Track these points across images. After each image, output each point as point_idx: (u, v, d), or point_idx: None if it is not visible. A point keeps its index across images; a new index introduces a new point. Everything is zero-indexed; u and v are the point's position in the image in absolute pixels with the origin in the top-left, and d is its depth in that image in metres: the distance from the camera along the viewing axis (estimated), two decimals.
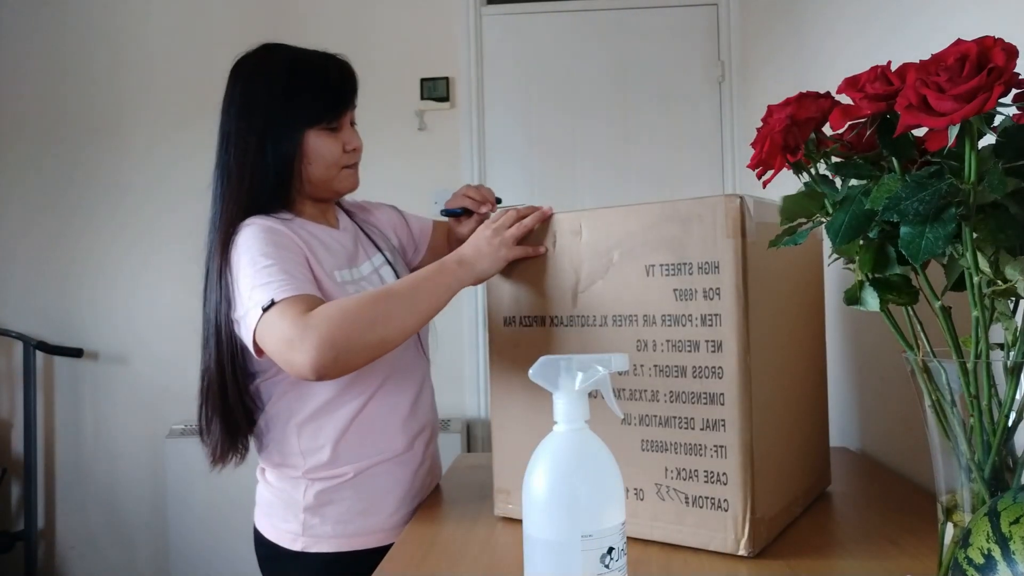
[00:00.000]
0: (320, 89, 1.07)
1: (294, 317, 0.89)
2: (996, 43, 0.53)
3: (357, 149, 1.12)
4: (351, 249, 1.14)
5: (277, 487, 1.10)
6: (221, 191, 1.07)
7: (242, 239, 1.00)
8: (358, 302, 0.92)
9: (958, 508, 0.63)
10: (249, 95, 1.07)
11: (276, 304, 0.91)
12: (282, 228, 1.03)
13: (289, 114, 1.05)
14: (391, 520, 1.09)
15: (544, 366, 0.61)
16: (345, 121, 1.10)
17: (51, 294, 2.72)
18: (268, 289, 0.93)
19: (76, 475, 2.71)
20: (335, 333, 0.87)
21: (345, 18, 2.65)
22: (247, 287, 0.95)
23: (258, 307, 0.93)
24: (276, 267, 0.96)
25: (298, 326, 0.88)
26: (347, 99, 1.10)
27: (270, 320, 0.91)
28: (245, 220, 1.03)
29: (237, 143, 1.05)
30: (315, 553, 1.06)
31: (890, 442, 1.23)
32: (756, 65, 2.33)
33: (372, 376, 1.07)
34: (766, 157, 0.67)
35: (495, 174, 2.67)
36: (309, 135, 1.06)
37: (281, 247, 0.99)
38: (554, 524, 0.58)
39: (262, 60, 1.09)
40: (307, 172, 1.08)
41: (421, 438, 1.15)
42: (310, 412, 1.06)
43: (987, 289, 0.59)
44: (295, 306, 0.91)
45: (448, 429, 2.47)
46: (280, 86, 1.06)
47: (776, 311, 0.89)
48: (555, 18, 2.70)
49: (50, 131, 2.73)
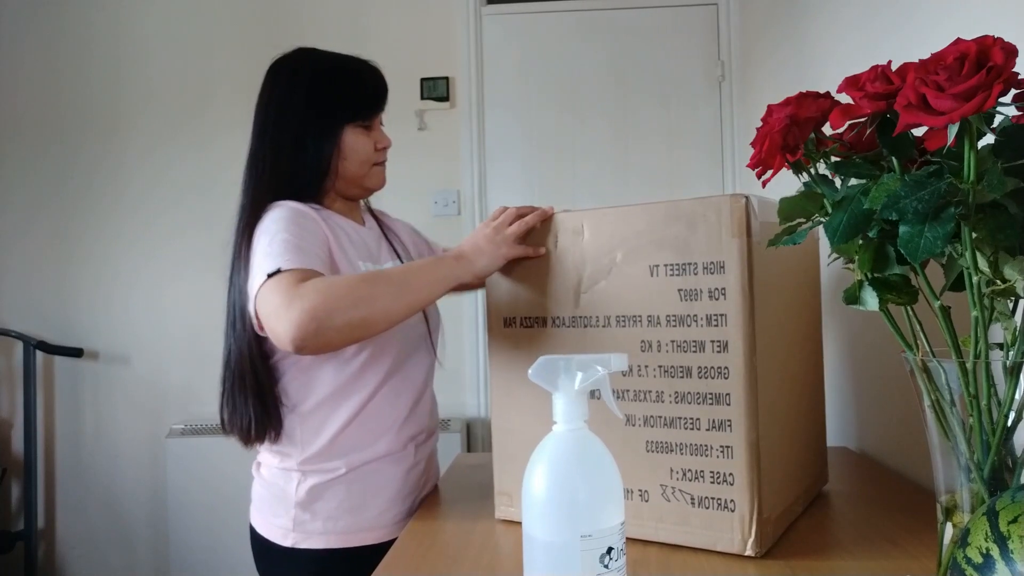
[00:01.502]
0: (359, 89, 1.13)
1: (287, 286, 0.90)
2: (996, 42, 0.53)
3: (387, 148, 1.18)
4: (375, 247, 1.17)
5: (270, 482, 1.11)
6: (254, 180, 1.10)
7: (269, 217, 1.03)
8: (347, 280, 0.93)
9: (957, 508, 0.63)
10: (290, 92, 1.11)
11: (280, 273, 0.93)
12: (310, 212, 1.06)
13: (330, 110, 1.10)
14: (381, 519, 1.10)
15: (544, 366, 0.61)
16: (377, 121, 1.16)
17: (51, 294, 2.73)
18: (276, 259, 0.95)
19: (76, 475, 2.71)
20: (318, 305, 0.87)
21: (345, 18, 2.65)
22: (260, 256, 0.97)
23: (263, 273, 0.94)
24: (292, 242, 0.97)
25: (287, 295, 0.89)
26: (382, 99, 1.16)
27: (269, 288, 0.92)
28: (275, 202, 1.06)
29: (275, 136, 1.10)
30: (305, 549, 1.07)
31: (890, 442, 1.23)
32: (756, 65, 2.33)
33: (379, 367, 1.08)
34: (766, 157, 0.67)
35: (495, 174, 2.68)
36: (347, 131, 1.11)
37: (304, 227, 1.02)
38: (553, 524, 0.58)
39: (302, 60, 1.14)
40: (342, 167, 1.12)
41: (416, 440, 1.15)
42: (316, 401, 1.07)
43: (986, 289, 0.59)
44: (293, 276, 0.92)
45: (448, 429, 2.48)
46: (322, 84, 1.11)
47: (778, 310, 0.89)
48: (555, 18, 2.70)
49: (50, 130, 2.73)
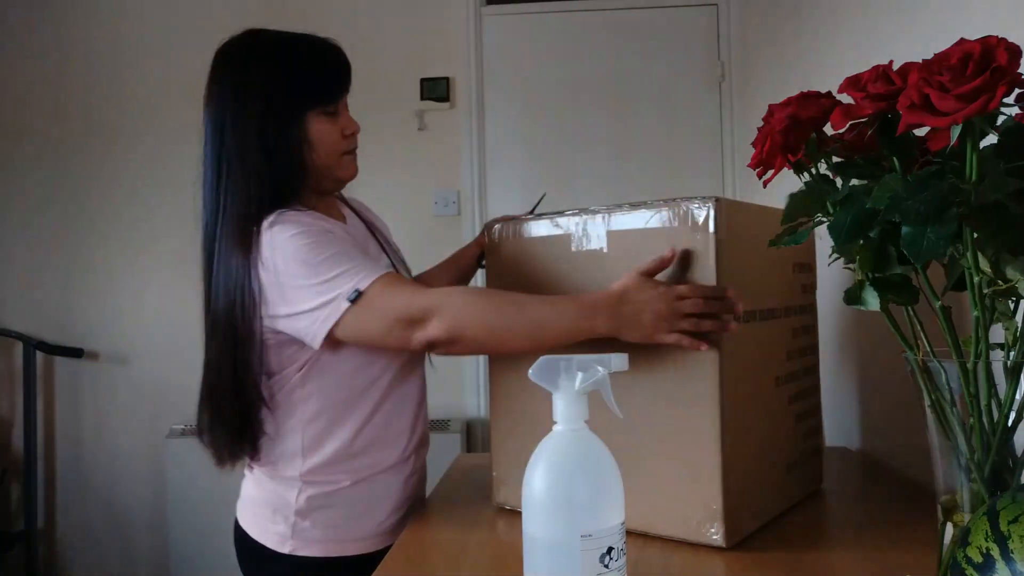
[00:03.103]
0: (317, 71, 1.04)
1: (409, 295, 0.93)
2: (1000, 43, 0.53)
3: (355, 134, 1.09)
4: (363, 244, 1.12)
5: (268, 487, 1.07)
6: (223, 183, 1.01)
7: (280, 238, 0.96)
8: (488, 300, 0.95)
9: (958, 508, 0.63)
10: (242, 81, 1.02)
11: (365, 291, 0.92)
12: (314, 219, 1.00)
13: (289, 98, 1.02)
14: (380, 527, 1.08)
15: (543, 366, 0.61)
16: (342, 105, 1.08)
17: (51, 294, 2.72)
18: (343, 280, 0.93)
19: (76, 475, 2.71)
20: (464, 323, 0.92)
21: (345, 18, 2.65)
22: (312, 285, 0.94)
23: (341, 300, 0.92)
24: (337, 256, 0.95)
25: (416, 304, 0.92)
26: (344, 80, 1.07)
27: (371, 306, 0.93)
28: (271, 217, 0.98)
29: (234, 132, 1.01)
30: (302, 556, 1.04)
31: (890, 442, 1.23)
32: (756, 65, 2.33)
33: (383, 379, 1.07)
34: (767, 157, 0.67)
35: (495, 174, 2.67)
36: (310, 119, 1.03)
37: (327, 238, 0.97)
38: (553, 524, 0.58)
39: (251, 44, 1.05)
40: (310, 160, 1.04)
41: (418, 448, 1.14)
42: (319, 413, 1.04)
43: (987, 289, 0.59)
44: (398, 284, 0.94)
45: (448, 429, 2.47)
46: (277, 69, 1.02)
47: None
48: (555, 18, 2.70)
49: (51, 133, 2.73)
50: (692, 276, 0.85)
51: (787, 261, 1.01)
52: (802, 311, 1.04)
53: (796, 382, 1.01)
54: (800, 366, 1.03)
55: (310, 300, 0.94)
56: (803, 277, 1.05)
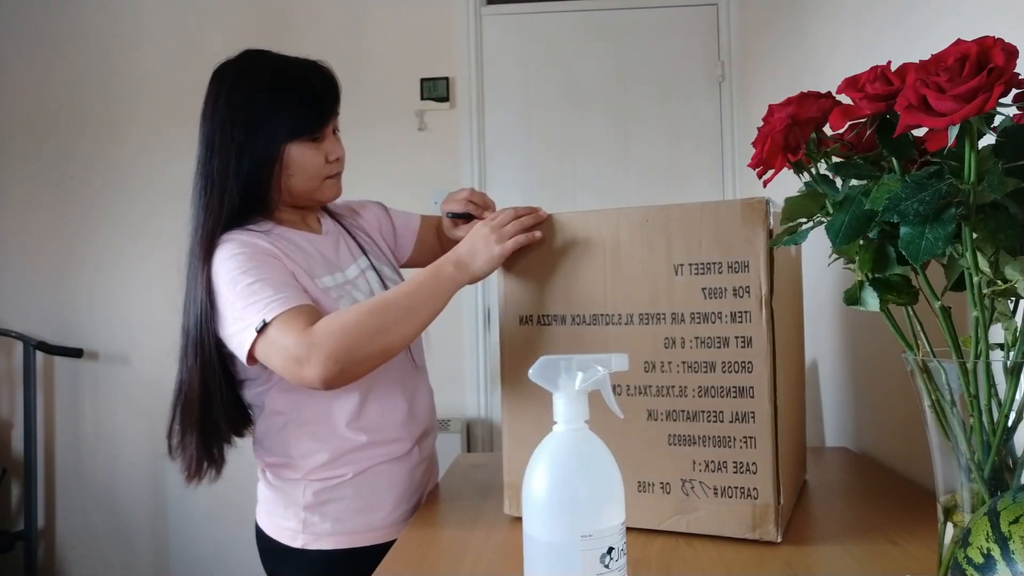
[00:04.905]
0: (301, 102, 1.06)
1: (296, 335, 0.93)
2: (996, 43, 0.53)
3: (340, 159, 1.11)
4: (332, 254, 1.13)
5: (277, 486, 1.11)
6: (204, 201, 1.05)
7: (220, 257, 1.00)
8: (356, 316, 0.94)
9: (958, 508, 0.63)
10: (231, 105, 1.05)
11: (271, 323, 0.94)
12: (260, 242, 1.02)
13: (270, 127, 1.04)
14: (390, 517, 1.10)
15: (544, 366, 0.61)
16: (328, 131, 1.09)
17: (51, 294, 2.73)
18: (257, 308, 0.95)
19: (76, 475, 2.71)
20: (337, 348, 0.92)
21: (345, 18, 2.65)
22: (235, 307, 0.97)
23: (251, 329, 0.95)
24: (260, 283, 0.97)
25: (302, 344, 0.92)
26: (328, 111, 1.08)
27: (271, 339, 0.94)
28: (223, 235, 1.03)
29: (221, 153, 1.04)
30: (315, 550, 1.07)
31: (890, 442, 1.23)
32: (756, 65, 2.33)
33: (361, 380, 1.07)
34: (767, 156, 0.67)
35: (495, 174, 2.67)
36: (290, 147, 1.05)
37: (261, 262, 1.00)
38: (554, 524, 0.58)
39: (244, 69, 1.07)
40: (288, 183, 1.07)
41: (418, 439, 1.15)
42: (306, 415, 1.07)
43: (987, 289, 0.59)
44: (293, 322, 0.94)
45: (448, 429, 2.48)
46: (262, 98, 1.04)
47: (783, 309, 0.92)
48: (555, 18, 2.70)
49: (48, 131, 2.73)
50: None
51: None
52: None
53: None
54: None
55: (233, 323, 0.98)
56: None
